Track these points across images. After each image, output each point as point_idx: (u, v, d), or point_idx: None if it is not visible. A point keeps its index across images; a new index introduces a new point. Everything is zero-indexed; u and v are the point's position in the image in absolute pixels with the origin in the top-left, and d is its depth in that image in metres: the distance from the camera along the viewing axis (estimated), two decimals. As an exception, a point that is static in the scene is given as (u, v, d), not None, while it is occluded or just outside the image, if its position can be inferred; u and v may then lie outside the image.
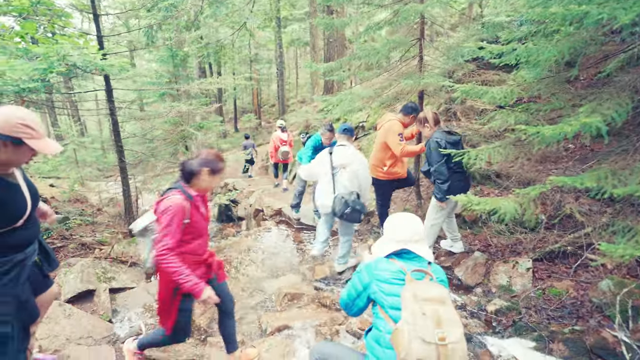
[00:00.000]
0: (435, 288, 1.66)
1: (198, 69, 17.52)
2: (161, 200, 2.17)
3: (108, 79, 4.63)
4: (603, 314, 2.96)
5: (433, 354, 1.49)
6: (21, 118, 1.57)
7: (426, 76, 3.92)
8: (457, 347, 1.51)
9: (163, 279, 2.26)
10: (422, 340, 1.51)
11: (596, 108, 2.08)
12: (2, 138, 1.54)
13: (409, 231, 1.84)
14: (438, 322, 1.53)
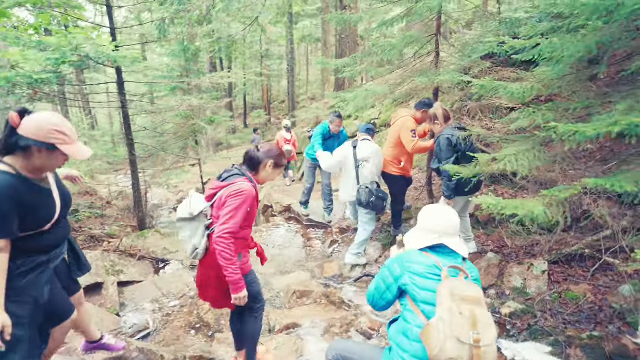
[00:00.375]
0: (472, 288, 1.62)
1: (209, 64, 17.58)
2: (228, 185, 2.17)
3: (120, 71, 4.62)
4: (623, 320, 2.85)
5: (466, 355, 1.47)
6: (55, 124, 1.60)
7: (442, 73, 3.82)
8: (489, 350, 1.48)
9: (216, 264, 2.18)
10: (457, 340, 1.48)
11: (635, 106, 1.97)
12: (38, 144, 1.57)
13: (445, 223, 1.79)
14: (474, 323, 1.50)
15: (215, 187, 2.23)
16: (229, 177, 2.21)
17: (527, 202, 2.41)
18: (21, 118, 1.58)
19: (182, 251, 5.14)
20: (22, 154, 1.60)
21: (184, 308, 3.87)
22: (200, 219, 2.20)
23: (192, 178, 13.42)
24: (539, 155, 2.61)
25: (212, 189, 2.25)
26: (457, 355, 1.47)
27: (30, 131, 1.57)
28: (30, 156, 1.60)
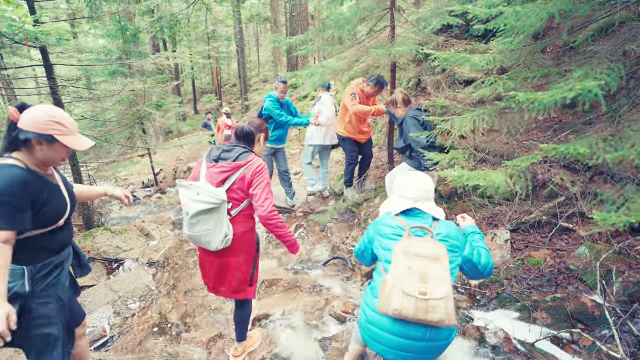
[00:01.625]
0: (430, 245, 1.67)
1: (151, 46, 16.34)
2: (245, 163, 2.10)
3: (46, 52, 4.02)
4: (581, 280, 3.02)
5: (411, 307, 1.54)
6: (51, 115, 1.61)
7: (398, 44, 3.73)
8: (438, 305, 1.53)
9: (243, 247, 2.24)
10: (402, 291, 1.57)
11: (589, 72, 1.99)
12: (36, 136, 1.58)
13: (417, 189, 1.87)
14: (423, 278, 1.57)
15: (230, 169, 2.10)
16: (239, 156, 2.13)
17: (489, 172, 2.41)
18: (20, 112, 1.59)
19: (137, 248, 4.76)
20: (25, 148, 1.61)
21: (144, 309, 3.58)
22: (222, 206, 2.08)
23: (143, 169, 12.59)
24: (488, 119, 2.61)
25: (223, 171, 2.11)
26: (400, 306, 1.56)
27: (29, 124, 1.57)
28: (32, 149, 1.61)
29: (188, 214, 2.06)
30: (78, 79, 5.13)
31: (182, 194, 2.10)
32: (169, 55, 5.39)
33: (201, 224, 2.05)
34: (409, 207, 1.85)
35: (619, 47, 2.34)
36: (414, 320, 1.57)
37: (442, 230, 1.78)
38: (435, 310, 1.52)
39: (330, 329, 3.08)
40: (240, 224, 2.19)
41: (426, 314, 1.53)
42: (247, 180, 2.09)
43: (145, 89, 5.48)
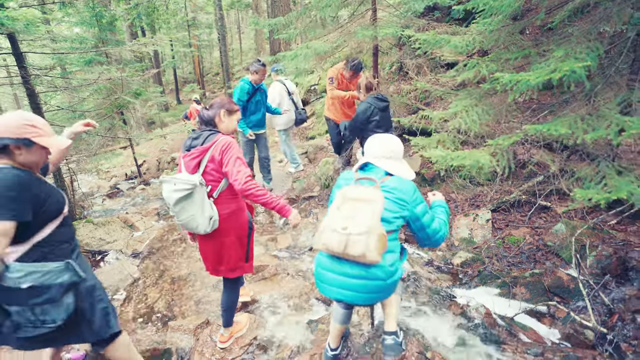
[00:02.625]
0: (366, 190, 1.79)
1: (129, 35, 15.84)
2: (211, 145, 2.14)
3: (14, 40, 3.85)
4: (557, 256, 3.12)
5: (334, 241, 1.69)
6: (25, 119, 1.65)
7: (383, 26, 3.72)
8: (358, 240, 1.64)
9: (233, 227, 2.28)
10: (330, 228, 1.72)
11: (570, 52, 2.02)
12: (13, 142, 1.60)
13: (377, 148, 1.99)
14: (350, 217, 1.70)
15: (198, 153, 2.14)
16: (206, 140, 2.17)
17: (473, 152, 2.45)
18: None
19: (121, 239, 4.70)
20: (4, 155, 1.63)
21: (130, 299, 3.55)
22: (201, 190, 2.12)
23: (125, 161, 12.35)
24: (486, 109, 2.66)
25: (194, 157, 2.15)
26: (328, 240, 1.72)
27: (2, 130, 1.59)
28: (12, 155, 1.64)
29: (170, 205, 2.14)
30: (52, 68, 4.95)
31: (163, 189, 2.18)
32: (147, 42, 5.22)
33: (185, 211, 2.11)
34: (364, 163, 2.02)
35: (594, 27, 2.38)
36: (339, 254, 1.71)
37: (390, 184, 1.88)
38: (356, 244, 1.64)
39: (317, 311, 3.12)
40: (224, 204, 2.23)
41: (347, 247, 1.66)
42: (217, 160, 2.12)
43: (124, 77, 5.33)
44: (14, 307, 1.62)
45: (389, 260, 1.78)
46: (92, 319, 1.86)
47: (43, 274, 1.64)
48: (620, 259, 2.69)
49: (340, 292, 1.81)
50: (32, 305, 1.61)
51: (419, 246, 3.80)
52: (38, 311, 1.64)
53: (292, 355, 2.56)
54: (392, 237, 1.83)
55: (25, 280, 1.59)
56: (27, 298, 1.61)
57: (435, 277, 3.27)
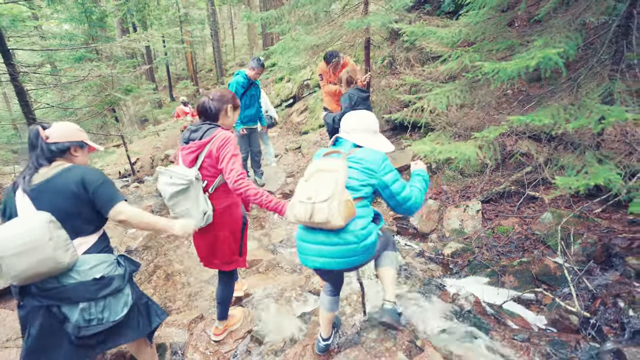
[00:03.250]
0: (331, 162, 1.87)
1: (120, 31, 15.70)
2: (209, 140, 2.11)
3: (1, 36, 3.81)
4: (545, 244, 3.18)
5: (302, 211, 1.78)
6: (76, 127, 1.88)
7: (372, 16, 3.73)
8: (321, 207, 1.72)
9: (227, 222, 2.29)
10: (299, 200, 1.81)
11: (549, 41, 2.05)
12: (73, 144, 1.82)
13: (349, 124, 2.08)
14: (315, 187, 1.79)
15: (196, 148, 2.12)
16: (204, 134, 2.14)
17: (460, 145, 2.49)
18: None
19: (115, 237, 4.70)
20: (61, 159, 1.79)
21: (123, 297, 3.57)
22: (197, 184, 2.11)
23: (119, 159, 12.28)
24: (460, 94, 2.69)
25: (192, 151, 2.14)
26: (299, 213, 1.80)
27: (62, 135, 1.79)
28: (70, 157, 1.83)
29: (165, 198, 2.14)
30: (41, 65, 4.90)
31: (159, 181, 2.18)
32: (138, 38, 5.19)
33: (180, 205, 2.11)
34: (336, 138, 2.12)
35: (576, 18, 2.41)
36: (307, 222, 1.79)
37: (357, 154, 1.95)
38: (319, 212, 1.72)
39: (310, 304, 3.16)
40: (220, 199, 2.23)
41: (312, 215, 1.74)
42: (214, 156, 2.10)
43: (114, 74, 5.29)
44: (80, 305, 1.65)
45: (359, 224, 1.83)
46: (140, 312, 1.96)
47: (109, 264, 1.77)
48: (605, 246, 2.74)
49: (317, 260, 1.89)
50: (101, 296, 1.70)
51: (409, 238, 3.85)
52: (101, 307, 1.71)
53: (285, 347, 2.60)
54: (361, 203, 1.89)
55: (97, 271, 1.70)
56: (97, 290, 1.68)
57: (426, 267, 3.32)
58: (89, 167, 1.81)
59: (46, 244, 1.52)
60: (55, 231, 1.58)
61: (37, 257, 1.51)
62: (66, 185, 1.68)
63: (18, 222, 1.57)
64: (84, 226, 1.74)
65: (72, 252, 1.64)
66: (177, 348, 2.75)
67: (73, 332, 1.66)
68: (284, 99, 9.75)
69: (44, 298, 1.62)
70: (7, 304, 3.13)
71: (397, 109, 5.23)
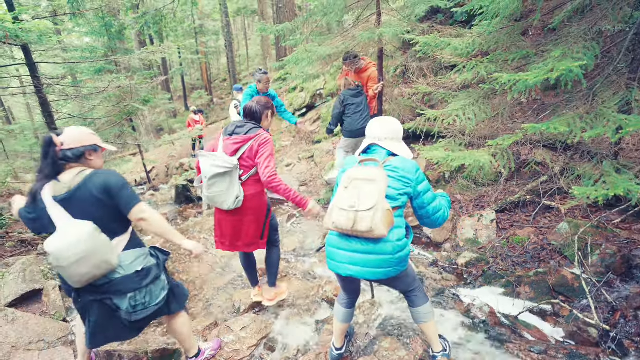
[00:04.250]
0: (370, 170, 1.87)
1: (138, 43, 16.15)
2: (253, 136, 2.47)
3: (28, 51, 3.99)
4: (562, 255, 3.12)
5: (343, 219, 1.80)
6: (89, 131, 1.93)
7: (384, 26, 3.77)
8: (366, 216, 1.74)
9: (253, 207, 2.60)
10: (338, 207, 1.83)
11: (567, 52, 2.05)
12: (87, 148, 1.87)
13: (381, 129, 2.06)
14: (356, 195, 1.80)
15: (241, 141, 2.48)
16: (249, 131, 2.50)
17: (474, 153, 2.48)
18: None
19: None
20: (76, 164, 1.86)
21: (139, 303, 3.63)
22: (235, 171, 2.44)
23: (135, 167, 12.54)
24: (483, 108, 2.69)
25: (236, 143, 2.48)
26: (336, 219, 1.83)
27: (76, 140, 1.85)
28: (85, 161, 1.89)
29: (206, 177, 2.45)
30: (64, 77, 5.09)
31: (202, 162, 2.49)
32: (155, 50, 5.36)
33: (216, 186, 2.44)
34: (368, 145, 2.10)
35: (592, 27, 2.40)
36: (348, 231, 1.80)
37: (393, 163, 1.95)
38: (363, 220, 1.74)
39: (323, 312, 3.16)
40: (250, 187, 2.55)
41: (355, 224, 1.76)
42: (254, 150, 2.45)
43: (132, 85, 5.46)
44: (129, 295, 1.85)
45: (396, 235, 1.84)
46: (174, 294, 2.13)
47: (144, 257, 1.94)
48: (625, 257, 2.68)
49: (350, 268, 1.89)
50: (144, 285, 1.88)
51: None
52: (143, 294, 1.89)
53: (298, 355, 2.60)
54: (397, 213, 1.90)
55: (137, 264, 1.88)
56: (140, 280, 1.87)
57: (440, 277, 3.29)
58: (108, 172, 1.87)
59: (98, 249, 1.72)
60: (100, 237, 1.75)
61: (92, 262, 1.71)
62: (91, 193, 1.78)
63: (66, 233, 1.72)
64: (117, 227, 1.88)
65: (117, 252, 1.84)
66: (191, 354, 2.77)
67: (126, 318, 1.89)
68: (297, 108, 9.84)
69: (97, 293, 1.84)
70: (30, 308, 3.22)
71: (410, 118, 5.24)
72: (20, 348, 2.61)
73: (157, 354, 2.62)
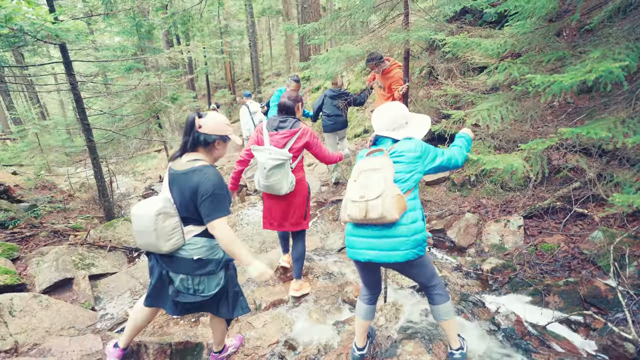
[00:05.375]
0: (376, 160, 1.95)
1: (165, 42, 16.57)
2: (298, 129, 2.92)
3: (65, 49, 4.17)
4: (594, 265, 2.99)
5: (356, 210, 1.87)
6: (226, 121, 2.04)
7: (416, 30, 3.72)
8: (375, 204, 1.81)
9: (300, 190, 3.07)
10: (351, 200, 1.91)
11: (607, 53, 1.96)
12: (219, 138, 1.99)
13: (382, 121, 2.11)
14: (365, 186, 1.87)
15: (289, 134, 2.91)
16: (293, 125, 2.93)
17: (506, 156, 2.41)
18: None
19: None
20: (203, 149, 1.99)
21: (163, 296, 3.72)
22: (288, 161, 2.83)
23: (159, 163, 12.86)
24: (511, 109, 2.61)
25: (285, 137, 2.90)
26: (350, 211, 1.90)
27: (212, 128, 1.96)
28: (212, 149, 2.01)
29: (265, 168, 2.80)
30: (96, 75, 5.28)
31: (258, 155, 2.84)
32: (183, 49, 5.49)
33: (275, 175, 2.82)
34: (375, 137, 2.16)
35: (636, 27, 2.29)
36: (362, 220, 1.87)
37: (397, 148, 2.01)
38: (374, 209, 1.81)
39: (344, 313, 3.15)
40: (298, 172, 3.02)
41: (367, 213, 1.83)
42: (304, 141, 2.93)
43: (161, 83, 5.60)
44: (180, 275, 1.99)
45: (410, 218, 1.89)
46: (228, 297, 2.18)
47: (208, 249, 2.01)
48: (665, 270, 2.55)
49: (368, 253, 1.94)
50: (196, 274, 1.98)
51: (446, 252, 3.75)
52: (197, 281, 2.00)
53: (318, 354, 2.60)
54: (410, 197, 1.95)
55: (196, 253, 1.97)
56: (194, 268, 1.97)
57: (464, 282, 3.22)
58: (208, 176, 1.90)
59: (151, 232, 1.88)
60: (162, 222, 1.89)
61: (145, 239, 1.92)
62: (187, 186, 1.92)
63: (144, 205, 1.94)
64: (195, 218, 1.97)
65: (175, 241, 1.94)
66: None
67: (172, 294, 2.02)
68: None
69: (157, 262, 2.05)
70: (62, 296, 3.35)
71: (436, 120, 5.15)
72: (53, 333, 2.72)
73: (180, 346, 2.67)
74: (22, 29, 3.10)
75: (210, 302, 2.11)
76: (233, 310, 2.19)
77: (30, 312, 2.83)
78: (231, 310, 2.18)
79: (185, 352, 2.68)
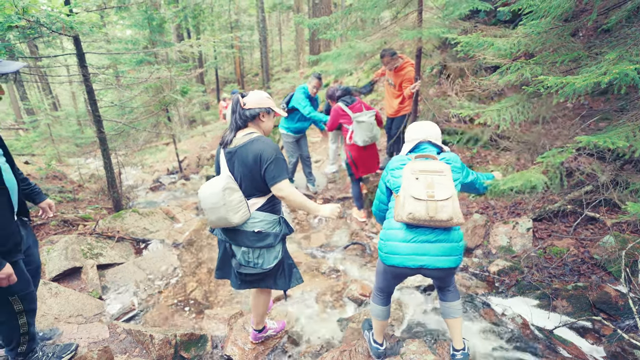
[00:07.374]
0: (434, 163, 1.92)
1: (176, 36, 16.64)
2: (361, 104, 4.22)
3: (78, 41, 4.20)
4: (605, 270, 2.95)
5: (422, 209, 1.77)
6: (266, 95, 2.16)
7: (429, 27, 3.68)
8: (446, 205, 1.76)
9: None
10: (413, 197, 1.80)
11: (624, 54, 1.91)
12: (263, 110, 2.12)
13: (423, 132, 2.16)
14: (430, 185, 1.81)
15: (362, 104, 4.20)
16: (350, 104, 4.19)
17: (524, 173, 2.36)
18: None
19: (163, 230, 4.96)
20: (252, 123, 2.13)
21: (169, 287, 3.75)
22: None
23: (168, 156, 12.96)
24: (522, 110, 2.57)
25: (363, 104, 4.20)
26: (413, 210, 1.78)
27: (255, 102, 2.10)
28: (259, 121, 2.15)
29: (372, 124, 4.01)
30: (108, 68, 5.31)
31: (363, 117, 3.96)
32: (193, 43, 5.50)
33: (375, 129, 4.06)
34: (415, 144, 2.15)
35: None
36: (427, 220, 1.78)
37: (446, 156, 2.09)
38: (444, 209, 1.75)
39: (348, 310, 3.15)
40: None
41: (436, 213, 1.75)
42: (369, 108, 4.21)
43: (171, 76, 5.63)
44: (242, 248, 2.12)
45: None
46: (284, 270, 2.28)
47: (267, 222, 2.11)
48: (677, 277, 2.50)
49: (420, 258, 1.88)
50: (256, 247, 2.10)
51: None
52: (257, 254, 2.12)
53: (321, 350, 2.61)
54: None
55: (257, 226, 2.09)
56: (255, 241, 2.09)
57: (470, 283, 3.20)
58: (268, 143, 2.03)
59: (221, 207, 1.99)
60: (229, 197, 2.00)
61: (216, 215, 2.03)
62: (247, 157, 2.02)
63: (210, 184, 2.05)
64: (257, 190, 2.08)
65: (243, 213, 2.04)
66: (217, 341, 2.84)
67: (235, 267, 2.17)
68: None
69: (222, 236, 2.21)
70: (70, 284, 3.40)
71: (445, 119, 5.10)
72: (61, 320, 2.76)
73: (184, 337, 2.70)
74: (38, 20, 3.15)
75: (269, 275, 2.22)
76: (289, 282, 2.31)
77: (40, 299, 2.87)
78: (287, 282, 2.30)
79: (189, 343, 2.70)
